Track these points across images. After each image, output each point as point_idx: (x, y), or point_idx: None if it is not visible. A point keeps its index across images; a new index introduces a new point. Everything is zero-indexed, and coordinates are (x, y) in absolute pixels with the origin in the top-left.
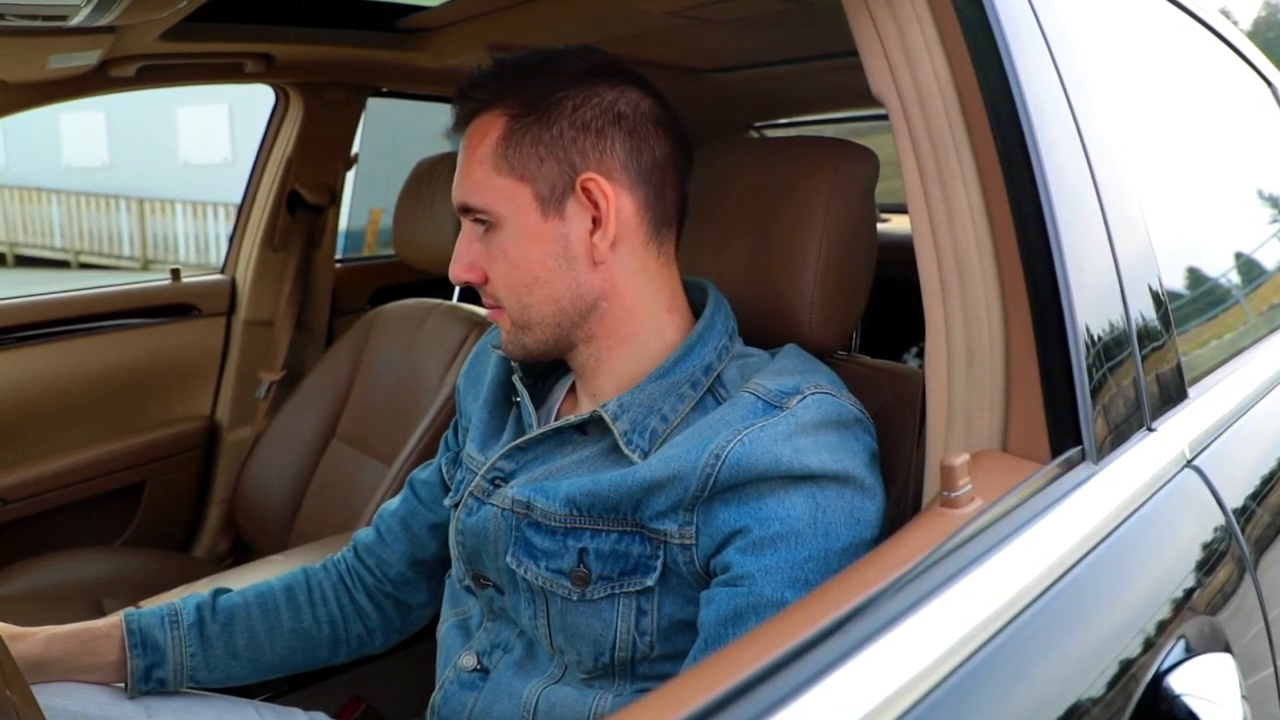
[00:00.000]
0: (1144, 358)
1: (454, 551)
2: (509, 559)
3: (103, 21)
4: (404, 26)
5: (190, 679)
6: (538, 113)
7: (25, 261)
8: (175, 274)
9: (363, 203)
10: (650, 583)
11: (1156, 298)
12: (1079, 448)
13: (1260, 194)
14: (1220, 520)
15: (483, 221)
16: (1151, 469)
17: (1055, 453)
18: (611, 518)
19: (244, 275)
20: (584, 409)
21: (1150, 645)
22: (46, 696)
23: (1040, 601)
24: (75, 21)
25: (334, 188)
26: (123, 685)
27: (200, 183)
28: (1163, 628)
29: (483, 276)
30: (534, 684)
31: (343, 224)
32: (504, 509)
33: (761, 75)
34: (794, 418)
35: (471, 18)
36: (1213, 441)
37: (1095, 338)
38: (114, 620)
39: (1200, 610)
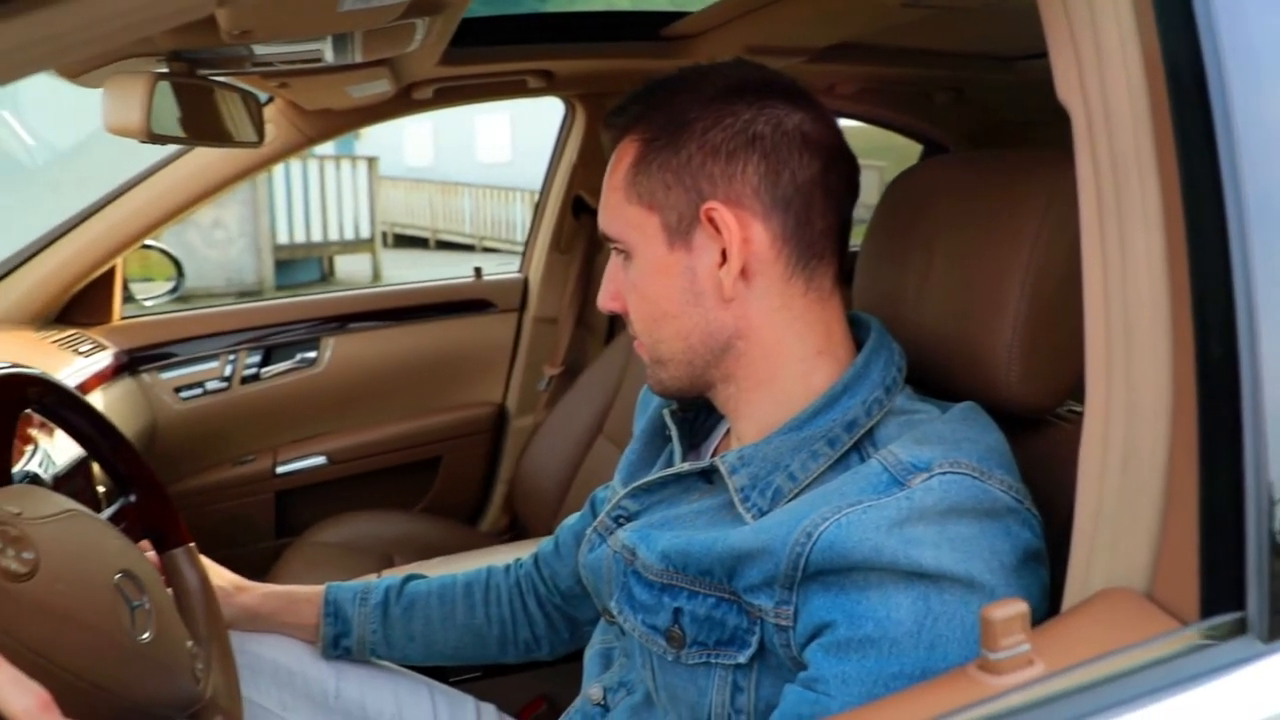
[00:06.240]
0: None
1: None
2: (613, 605)
3: (346, 61)
4: (669, 34)
5: (371, 652)
6: (668, 136)
7: (443, 245)
8: (478, 273)
9: None
10: (744, 659)
11: None
12: (1239, 614)
13: None
14: None
15: (621, 251)
16: None
17: (1205, 612)
18: (707, 581)
19: (535, 274)
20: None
21: None
22: (257, 645)
23: None
24: (327, 62)
25: None
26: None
27: None
28: None
29: (624, 307)
30: None
31: None
32: (616, 551)
33: None
34: (910, 500)
35: (727, 21)
36: None
37: None
38: (318, 589)
39: None
